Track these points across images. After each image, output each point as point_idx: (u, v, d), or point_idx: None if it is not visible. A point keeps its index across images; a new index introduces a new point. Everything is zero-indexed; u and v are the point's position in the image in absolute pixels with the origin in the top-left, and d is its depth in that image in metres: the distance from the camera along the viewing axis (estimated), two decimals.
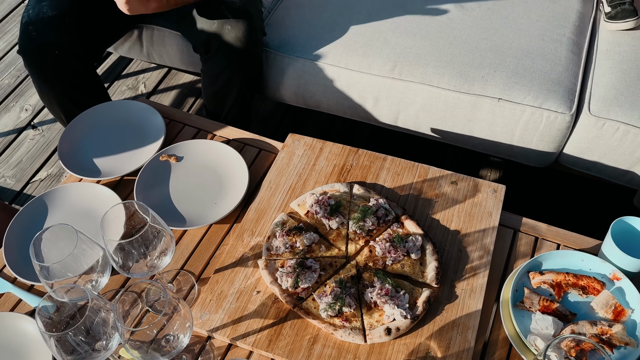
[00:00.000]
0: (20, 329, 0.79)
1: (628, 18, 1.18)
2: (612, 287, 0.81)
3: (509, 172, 1.54)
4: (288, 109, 1.74)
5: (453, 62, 1.16)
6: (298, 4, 1.32)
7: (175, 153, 1.02)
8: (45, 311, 0.64)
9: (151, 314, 0.75)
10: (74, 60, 1.14)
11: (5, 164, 1.63)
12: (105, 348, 0.63)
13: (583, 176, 1.23)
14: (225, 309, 0.82)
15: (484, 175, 1.54)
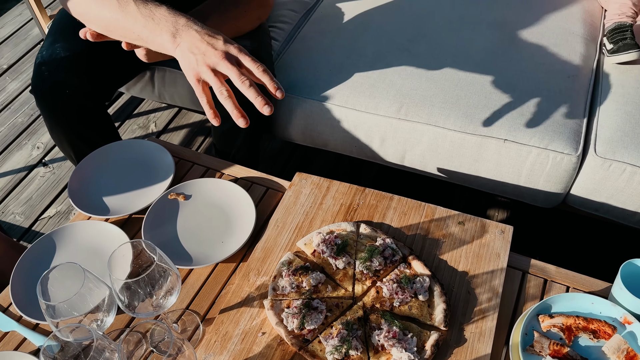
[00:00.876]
0: None
1: (630, 50, 1.20)
2: (623, 332, 0.80)
3: (516, 212, 1.54)
4: (295, 147, 1.76)
5: (458, 103, 1.18)
6: (306, 47, 1.35)
7: (184, 191, 1.03)
8: (49, 351, 0.63)
9: (155, 354, 0.74)
10: (84, 99, 1.16)
11: (16, 201, 1.65)
12: None
13: (591, 217, 1.22)
14: (230, 350, 0.81)
15: (491, 214, 1.54)
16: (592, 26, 1.37)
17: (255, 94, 0.77)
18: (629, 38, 1.22)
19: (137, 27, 0.85)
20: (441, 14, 1.40)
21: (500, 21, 1.36)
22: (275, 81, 0.79)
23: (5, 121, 1.91)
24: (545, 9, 1.40)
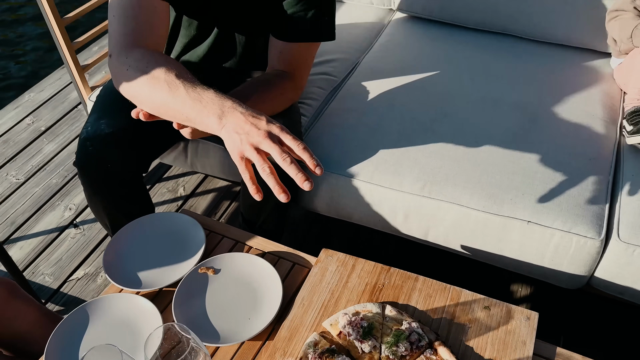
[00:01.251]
0: None
1: None
2: None
3: (540, 292, 1.53)
4: (318, 215, 1.79)
5: (481, 182, 1.21)
6: (332, 123, 1.41)
7: (214, 265, 1.06)
8: None
9: None
10: (125, 173, 1.22)
11: (46, 262, 1.70)
12: None
13: (617, 300, 1.22)
14: None
15: (514, 293, 1.53)
16: (612, 109, 1.41)
17: (296, 170, 0.80)
18: None
19: (186, 109, 0.91)
20: (463, 94, 1.45)
21: (521, 102, 1.41)
22: (314, 158, 0.83)
23: (40, 182, 1.99)
24: (565, 90, 1.45)
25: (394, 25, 1.78)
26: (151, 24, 1.03)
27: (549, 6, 1.54)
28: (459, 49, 1.62)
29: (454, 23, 1.72)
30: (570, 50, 1.61)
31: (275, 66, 1.24)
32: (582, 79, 1.49)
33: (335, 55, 1.65)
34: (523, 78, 1.50)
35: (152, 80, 0.94)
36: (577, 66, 1.54)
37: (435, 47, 1.65)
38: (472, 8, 1.63)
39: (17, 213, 1.88)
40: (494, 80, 1.49)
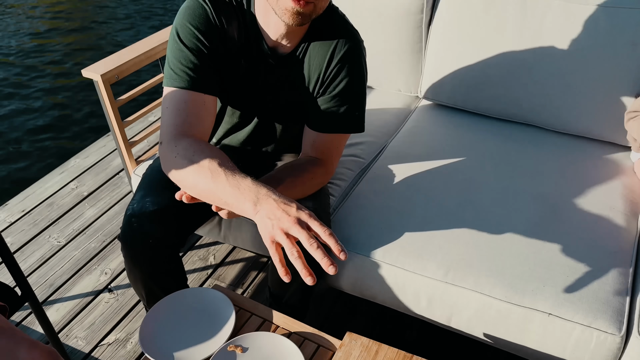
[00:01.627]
0: None
1: None
2: None
3: None
4: (342, 292, 1.83)
5: (504, 272, 1.25)
6: (360, 205, 1.48)
7: (242, 344, 1.11)
8: None
9: None
10: (165, 248, 1.31)
11: (80, 325, 1.77)
12: None
13: None
14: None
15: None
16: (633, 202, 1.45)
17: (322, 255, 0.87)
18: None
19: (225, 195, 1.00)
20: (486, 182, 1.52)
21: (543, 194, 1.46)
22: (339, 244, 0.89)
23: (80, 245, 2.10)
24: (586, 183, 1.50)
25: (420, 112, 1.89)
26: (199, 117, 1.15)
27: (570, 101, 1.62)
28: (482, 137, 1.70)
29: (476, 112, 1.81)
30: (591, 142, 1.67)
31: (308, 153, 1.33)
32: (603, 171, 1.55)
33: (364, 139, 1.75)
34: (544, 168, 1.56)
35: (197, 168, 1.04)
36: (598, 158, 1.60)
37: (459, 134, 1.73)
38: (495, 100, 1.73)
39: (56, 275, 1.98)
40: (516, 169, 1.56)
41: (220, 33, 1.19)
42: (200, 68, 1.15)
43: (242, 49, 1.23)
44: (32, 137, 3.83)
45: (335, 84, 1.25)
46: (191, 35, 1.15)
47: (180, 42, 1.16)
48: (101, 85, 1.60)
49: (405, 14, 1.75)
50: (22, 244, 2.13)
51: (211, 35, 1.17)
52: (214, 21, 1.17)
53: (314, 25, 1.23)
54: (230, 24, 1.19)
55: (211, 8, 1.16)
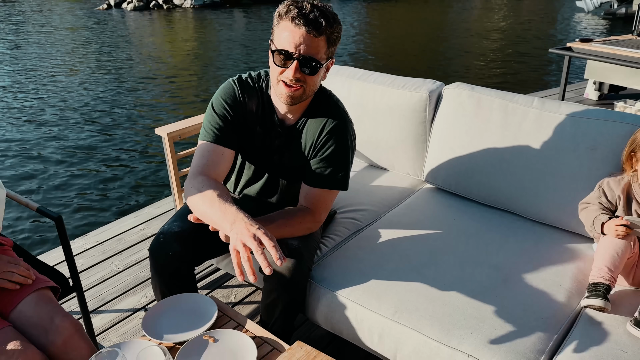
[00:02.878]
0: None
1: (598, 297, 1.44)
2: None
3: None
4: (335, 337, 2.07)
5: (442, 319, 1.47)
6: (344, 255, 1.78)
7: (215, 336, 1.42)
8: None
9: None
10: (180, 262, 1.68)
11: (116, 333, 2.14)
12: None
13: None
14: None
15: None
16: (582, 284, 1.62)
17: (262, 259, 1.22)
18: (602, 291, 1.47)
19: (215, 216, 1.39)
20: (455, 251, 1.76)
21: (500, 265, 1.68)
22: (279, 253, 1.24)
23: (132, 273, 2.54)
24: (543, 263, 1.70)
25: (421, 193, 2.20)
26: (216, 163, 1.57)
27: (541, 193, 1.86)
28: (465, 217, 1.97)
29: (467, 197, 2.09)
30: (561, 232, 1.87)
31: (302, 203, 1.69)
32: (563, 256, 1.74)
33: (367, 207, 2.08)
34: (510, 247, 1.78)
35: (202, 196, 1.44)
36: (562, 245, 1.79)
37: (447, 213, 2.01)
38: (480, 187, 2.01)
39: (108, 293, 2.41)
40: (485, 245, 1.79)
41: (243, 106, 1.64)
42: (223, 129, 1.60)
43: (259, 119, 1.67)
44: (127, 184, 4.53)
45: (324, 151, 1.63)
46: (220, 105, 1.61)
47: (212, 109, 1.62)
48: (166, 141, 2.11)
49: (411, 112, 2.13)
50: (90, 265, 2.62)
51: (235, 107, 1.62)
52: (239, 97, 1.63)
53: (313, 106, 1.64)
54: (251, 100, 1.65)
55: (238, 88, 1.63)
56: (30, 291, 1.50)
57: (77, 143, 5.55)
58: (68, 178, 4.76)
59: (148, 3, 16.69)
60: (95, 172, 4.89)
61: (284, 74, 1.48)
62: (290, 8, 1.45)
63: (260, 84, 1.67)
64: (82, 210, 4.24)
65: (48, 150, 5.35)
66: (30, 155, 5.26)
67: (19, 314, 1.46)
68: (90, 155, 5.26)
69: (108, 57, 9.69)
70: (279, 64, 1.48)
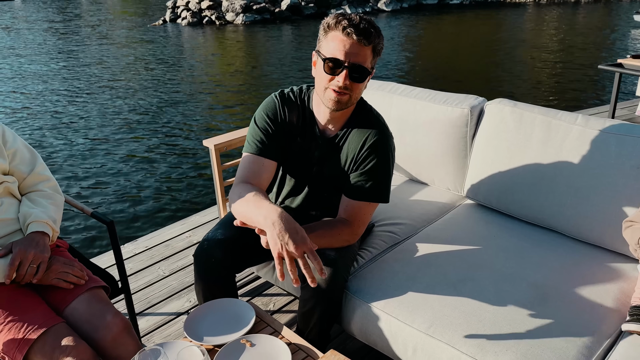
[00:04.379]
0: None
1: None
2: None
3: None
4: (370, 351, 2.09)
5: (477, 335, 1.47)
6: (381, 268, 1.81)
7: (252, 340, 1.48)
8: None
9: None
10: (222, 269, 1.75)
11: (160, 335, 2.24)
12: None
13: None
14: None
15: None
16: (624, 305, 1.58)
17: (307, 271, 1.34)
18: None
19: (250, 212, 1.48)
20: (493, 268, 1.75)
21: (539, 283, 1.66)
22: (322, 269, 1.33)
23: (178, 278, 2.65)
24: (584, 282, 1.66)
25: (461, 208, 2.19)
26: (257, 173, 1.64)
27: (583, 212, 1.82)
28: (505, 234, 1.95)
29: (508, 214, 2.07)
30: (604, 251, 1.83)
31: (342, 215, 1.73)
32: (605, 276, 1.70)
33: (405, 221, 2.10)
34: (551, 266, 1.75)
35: (242, 199, 1.53)
36: (605, 266, 1.75)
37: (486, 229, 2.00)
38: (521, 204, 1.99)
39: (154, 296, 2.52)
40: (524, 262, 1.77)
41: (283, 119, 1.70)
42: (264, 142, 1.67)
43: (299, 129, 1.73)
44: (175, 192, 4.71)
45: (365, 164, 1.67)
46: (262, 119, 1.69)
47: (255, 123, 1.70)
48: (213, 152, 2.20)
49: (452, 127, 2.14)
50: (138, 269, 2.74)
51: (276, 120, 1.69)
52: (279, 111, 1.70)
53: (354, 118, 1.69)
54: (292, 113, 1.71)
55: (279, 102, 1.70)
56: (83, 290, 1.60)
57: (129, 152, 5.81)
58: (119, 186, 4.99)
59: (201, 19, 17.32)
60: (146, 180, 5.11)
61: (333, 82, 1.55)
62: (339, 19, 1.53)
63: (302, 97, 1.73)
64: (133, 216, 4.43)
65: (101, 159, 5.63)
66: (85, 163, 5.55)
67: (72, 310, 1.56)
68: (140, 164, 5.49)
69: (161, 70, 10.11)
70: (329, 71, 1.54)
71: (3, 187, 1.64)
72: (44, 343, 1.43)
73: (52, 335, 1.45)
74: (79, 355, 1.44)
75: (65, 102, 7.92)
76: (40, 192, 1.74)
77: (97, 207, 4.55)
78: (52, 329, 1.46)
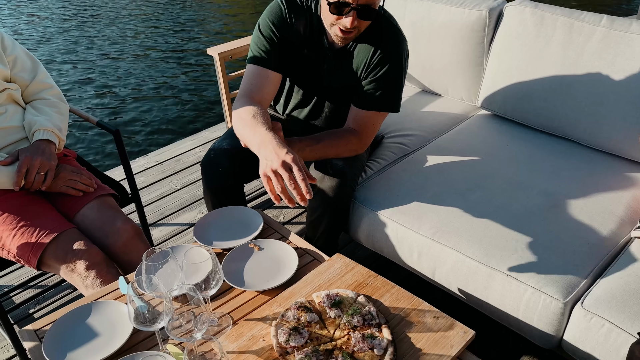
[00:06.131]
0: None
1: None
2: None
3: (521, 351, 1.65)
4: (376, 260, 2.12)
5: (482, 240, 1.47)
6: (389, 177, 1.79)
7: (259, 245, 1.49)
8: (140, 309, 1.09)
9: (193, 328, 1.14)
10: (228, 177, 1.75)
11: (173, 244, 2.30)
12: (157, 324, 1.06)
13: None
14: (239, 343, 1.19)
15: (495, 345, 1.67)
16: (636, 212, 1.55)
17: (297, 192, 1.25)
18: None
19: (247, 136, 1.44)
20: (504, 175, 1.72)
21: (550, 191, 1.63)
22: (308, 188, 1.24)
23: (189, 191, 2.67)
24: (596, 190, 1.63)
25: (475, 119, 2.13)
26: (260, 87, 1.58)
27: (602, 119, 1.75)
28: (519, 144, 1.90)
29: (523, 123, 2.00)
30: (619, 160, 1.77)
31: (350, 124, 1.69)
32: (619, 184, 1.66)
33: (415, 132, 2.05)
34: (564, 175, 1.71)
35: (239, 118, 1.49)
36: (620, 174, 1.71)
37: (500, 138, 1.94)
38: (538, 113, 1.91)
39: (167, 208, 2.56)
40: (536, 171, 1.73)
41: (290, 27, 1.61)
42: (269, 51, 1.59)
43: (306, 41, 1.64)
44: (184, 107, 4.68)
45: (377, 72, 1.60)
46: (267, 27, 1.60)
47: (259, 31, 1.61)
48: (217, 61, 2.13)
49: (469, 31, 2.03)
50: (150, 183, 2.77)
51: (282, 28, 1.60)
52: (286, 18, 1.60)
53: None
54: (298, 21, 1.61)
55: (286, 8, 1.60)
56: (92, 197, 1.62)
57: (133, 69, 5.72)
58: (126, 102, 4.95)
59: None
60: (153, 96, 5.06)
61: (340, 21, 1.46)
62: None
63: (308, 4, 1.62)
64: (141, 132, 4.43)
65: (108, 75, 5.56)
66: (91, 78, 5.49)
67: (82, 217, 1.59)
68: (147, 80, 5.42)
69: None
70: (335, 12, 1.44)
71: (6, 94, 1.62)
72: (57, 247, 1.47)
73: (64, 240, 1.48)
74: (91, 259, 1.47)
75: (71, 14, 7.73)
76: (44, 100, 1.71)
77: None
78: (63, 234, 1.49)
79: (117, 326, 1.25)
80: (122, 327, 1.25)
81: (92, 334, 1.24)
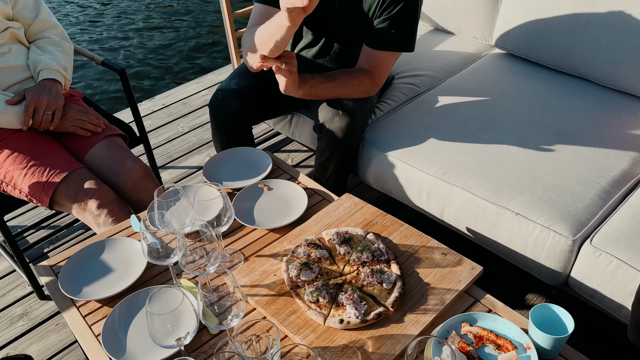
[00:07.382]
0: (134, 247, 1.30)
1: None
2: (522, 354, 1.00)
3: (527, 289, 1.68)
4: (385, 201, 2.13)
5: (492, 179, 1.46)
6: (399, 118, 1.76)
7: (269, 185, 1.50)
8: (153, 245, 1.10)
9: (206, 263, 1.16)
10: (237, 118, 1.73)
11: (181, 185, 2.31)
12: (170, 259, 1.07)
13: (591, 305, 1.36)
14: (251, 277, 1.22)
15: (502, 282, 1.70)
16: None
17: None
18: None
19: (265, 31, 1.41)
20: (516, 115, 1.69)
21: (563, 130, 1.61)
22: None
23: (197, 135, 2.66)
24: (611, 130, 1.60)
25: (488, 58, 2.07)
26: None
27: (619, 56, 1.69)
28: (533, 83, 1.85)
29: (537, 62, 1.95)
30: (635, 99, 1.73)
31: (362, 65, 1.65)
32: (634, 123, 1.62)
33: (426, 72, 2.00)
34: (578, 114, 1.68)
35: (250, 33, 1.46)
36: (635, 114, 1.67)
37: (513, 78, 1.90)
38: (553, 51, 1.85)
39: (175, 151, 2.56)
40: (550, 111, 1.70)
41: None
42: None
43: None
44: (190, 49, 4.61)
45: (390, 10, 1.54)
46: None
47: None
48: None
49: None
50: (157, 126, 2.76)
51: None
52: None
53: None
54: None
55: None
56: (101, 137, 1.61)
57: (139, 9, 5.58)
58: (130, 43, 4.86)
59: None
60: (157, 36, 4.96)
61: None
62: None
63: None
64: (147, 75, 4.38)
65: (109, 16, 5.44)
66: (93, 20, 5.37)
67: (92, 157, 1.59)
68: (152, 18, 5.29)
69: None
70: None
71: (9, 32, 1.58)
72: (68, 186, 1.48)
73: (74, 179, 1.49)
74: (102, 198, 1.49)
75: None
76: (47, 39, 1.68)
77: None
78: (74, 173, 1.50)
79: (131, 262, 1.28)
80: (136, 262, 1.27)
81: (106, 269, 1.27)
